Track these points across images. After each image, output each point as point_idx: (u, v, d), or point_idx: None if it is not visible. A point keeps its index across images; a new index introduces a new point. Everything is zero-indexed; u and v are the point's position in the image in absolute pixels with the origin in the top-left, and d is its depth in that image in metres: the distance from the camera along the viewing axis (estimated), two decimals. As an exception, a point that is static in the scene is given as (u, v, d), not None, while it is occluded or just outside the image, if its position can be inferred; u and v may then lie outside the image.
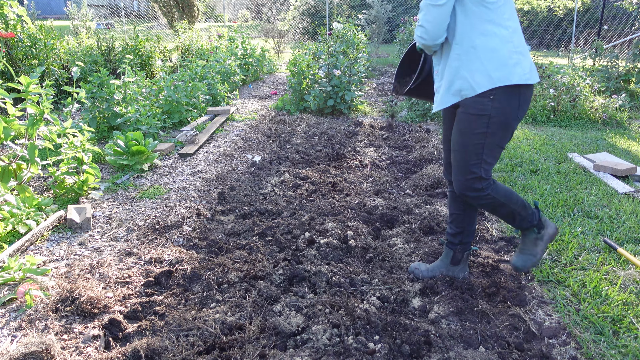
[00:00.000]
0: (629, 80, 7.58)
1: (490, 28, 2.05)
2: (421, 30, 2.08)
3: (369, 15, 14.12)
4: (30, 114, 3.13)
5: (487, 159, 2.17)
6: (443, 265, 2.52)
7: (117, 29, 15.66)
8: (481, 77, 2.06)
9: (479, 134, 2.13)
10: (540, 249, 2.40)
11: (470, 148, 2.16)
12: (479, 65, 2.06)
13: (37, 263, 2.56)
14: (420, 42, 2.13)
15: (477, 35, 2.06)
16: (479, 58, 2.06)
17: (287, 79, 6.92)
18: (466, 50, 2.07)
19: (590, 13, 15.54)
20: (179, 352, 1.91)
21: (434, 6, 2.02)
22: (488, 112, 2.09)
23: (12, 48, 5.93)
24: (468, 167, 2.18)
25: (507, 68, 2.05)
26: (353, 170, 4.30)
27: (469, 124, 2.14)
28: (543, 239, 2.41)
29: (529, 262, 2.39)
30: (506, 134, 2.17)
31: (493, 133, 2.12)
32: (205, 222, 3.17)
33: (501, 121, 2.11)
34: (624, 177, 4.05)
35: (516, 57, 2.07)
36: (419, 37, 2.11)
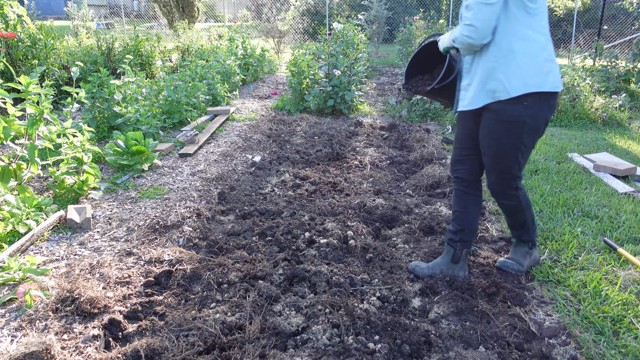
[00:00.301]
0: (629, 80, 7.58)
1: (530, 33, 2.10)
2: (470, 30, 2.08)
3: (368, 16, 14.12)
4: (30, 114, 3.13)
5: (521, 161, 2.29)
6: (443, 263, 2.54)
7: (117, 29, 15.66)
8: (517, 81, 2.10)
9: (515, 140, 2.20)
10: (527, 263, 2.58)
11: (507, 154, 2.25)
12: (516, 69, 2.10)
13: (37, 263, 2.56)
14: (467, 42, 2.12)
15: (516, 39, 2.10)
16: (516, 62, 2.10)
17: (287, 79, 6.92)
18: (504, 53, 2.11)
19: (590, 13, 15.54)
20: (179, 352, 1.91)
21: (485, 5, 2.02)
22: (523, 118, 2.15)
23: (12, 48, 5.93)
24: (505, 170, 2.30)
25: (541, 75, 2.11)
26: (353, 170, 4.30)
27: (504, 132, 2.20)
28: (531, 256, 2.60)
29: (514, 267, 2.57)
30: (537, 137, 2.27)
31: (527, 138, 2.21)
32: (205, 222, 3.17)
33: (534, 126, 2.19)
34: (624, 177, 4.05)
35: (549, 65, 2.14)
36: (467, 36, 2.09)
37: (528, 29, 2.10)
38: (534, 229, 2.55)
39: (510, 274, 2.58)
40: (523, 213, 2.44)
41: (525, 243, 2.58)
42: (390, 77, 10.27)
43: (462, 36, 2.12)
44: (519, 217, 2.46)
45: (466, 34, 2.09)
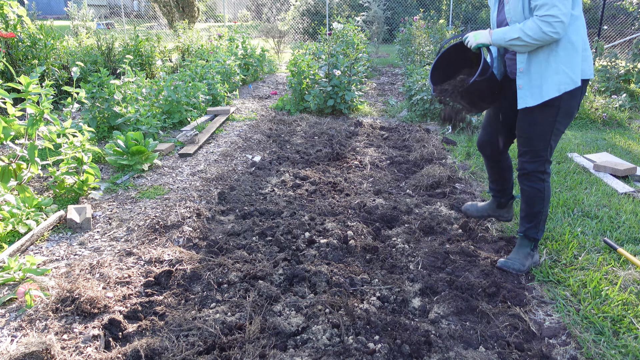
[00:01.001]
0: (629, 80, 7.58)
1: (579, 26, 2.24)
2: (560, 25, 2.14)
3: (368, 16, 14.12)
4: (30, 114, 3.13)
5: (553, 144, 2.46)
6: (490, 208, 3.08)
7: (117, 29, 15.66)
8: (576, 72, 2.26)
9: (548, 123, 2.37)
10: (528, 265, 2.62)
11: (540, 136, 2.42)
12: (576, 60, 2.26)
13: (37, 263, 2.56)
14: (552, 37, 2.17)
15: (572, 33, 2.22)
16: (575, 54, 2.24)
17: (287, 79, 6.92)
18: (566, 46, 2.24)
19: (590, 13, 15.55)
20: (179, 352, 1.91)
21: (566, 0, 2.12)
22: (557, 103, 2.32)
23: (12, 48, 5.93)
24: (537, 151, 2.46)
25: (586, 65, 2.31)
26: (353, 170, 4.30)
27: (540, 115, 2.38)
28: (532, 258, 2.65)
29: (515, 267, 2.61)
30: (569, 121, 2.43)
31: (559, 122, 2.38)
32: (205, 222, 3.17)
33: (567, 111, 2.37)
34: (624, 177, 4.05)
35: (587, 54, 2.32)
36: (554, 32, 2.15)
37: (578, 21, 2.24)
38: (542, 229, 2.63)
39: (511, 274, 2.58)
40: (542, 203, 2.55)
41: (529, 242, 2.64)
42: (390, 77, 10.27)
43: (543, 33, 2.17)
44: (536, 206, 2.56)
45: (553, 30, 2.15)
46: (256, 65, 9.41)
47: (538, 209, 2.57)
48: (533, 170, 2.51)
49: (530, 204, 2.58)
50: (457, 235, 3.04)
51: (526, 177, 2.54)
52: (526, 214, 2.62)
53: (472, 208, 3.20)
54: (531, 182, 2.54)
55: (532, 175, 2.52)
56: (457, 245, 2.89)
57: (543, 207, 2.56)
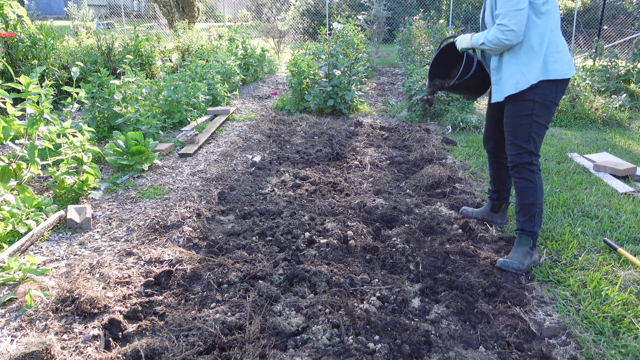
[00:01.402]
0: (629, 80, 7.58)
1: (543, 32, 2.48)
2: (510, 34, 2.44)
3: (368, 16, 14.12)
4: (30, 114, 3.13)
5: (535, 137, 2.59)
6: (485, 211, 3.17)
7: (117, 29, 15.66)
8: (535, 72, 2.48)
9: (527, 116, 2.56)
10: (527, 264, 2.64)
11: (521, 128, 2.60)
12: (535, 62, 2.49)
13: (37, 263, 2.56)
14: (505, 44, 2.48)
15: (534, 38, 2.48)
16: (535, 56, 2.49)
17: (287, 79, 6.92)
18: (526, 49, 2.50)
19: (590, 13, 15.55)
20: (179, 352, 1.91)
21: (519, 10, 2.40)
22: (533, 97, 2.52)
23: (12, 48, 5.93)
24: (520, 144, 2.61)
25: (552, 65, 2.49)
26: (353, 170, 4.30)
27: (518, 109, 2.59)
28: (532, 257, 2.68)
29: (515, 266, 2.63)
30: (548, 115, 2.59)
31: (537, 115, 2.55)
32: (205, 222, 3.17)
33: (543, 105, 2.54)
34: (624, 177, 4.05)
35: (557, 56, 2.51)
36: (507, 39, 2.46)
37: (541, 27, 2.47)
38: (539, 223, 2.66)
39: (511, 274, 2.58)
40: (534, 195, 2.63)
41: (527, 240, 2.66)
42: (390, 77, 10.27)
43: (498, 39, 2.48)
44: (529, 198, 2.64)
45: (504, 37, 2.45)
46: (256, 65, 9.41)
47: (531, 201, 2.64)
48: (520, 163, 2.63)
49: (523, 196, 2.66)
50: (457, 235, 3.04)
51: (515, 170, 2.67)
52: (520, 207, 2.69)
53: (468, 211, 3.27)
54: (521, 174, 2.65)
55: (520, 168, 2.64)
56: (457, 245, 2.89)
57: (536, 200, 2.63)
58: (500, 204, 3.11)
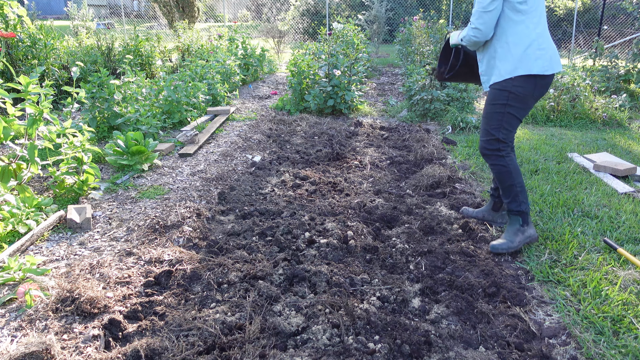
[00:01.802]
0: (629, 80, 7.58)
1: (521, 29, 2.62)
2: (476, 31, 2.66)
3: (368, 16, 14.12)
4: (29, 114, 3.13)
5: (505, 126, 2.72)
6: (486, 210, 3.18)
7: (117, 29, 15.66)
8: (509, 67, 2.63)
9: (501, 105, 2.70)
10: (519, 240, 2.76)
11: (493, 115, 2.74)
12: (509, 57, 2.63)
13: (37, 263, 2.56)
14: (473, 40, 2.71)
15: (510, 35, 2.64)
16: (510, 52, 2.63)
17: (287, 79, 6.92)
18: (501, 45, 2.66)
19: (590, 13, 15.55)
20: (179, 352, 1.91)
21: (485, 12, 2.61)
22: (509, 88, 2.66)
23: (12, 48, 5.93)
24: (490, 131, 2.75)
25: (530, 61, 2.60)
26: (353, 170, 4.30)
27: (493, 97, 2.74)
28: (524, 233, 2.78)
29: (504, 246, 2.75)
30: (523, 109, 2.71)
31: (511, 106, 2.68)
32: (205, 222, 3.17)
33: (518, 97, 2.67)
34: (624, 177, 4.05)
35: (538, 53, 2.61)
36: (473, 36, 2.68)
37: (520, 26, 2.61)
38: (524, 200, 2.78)
39: (510, 274, 2.58)
40: (510, 177, 2.76)
41: (516, 218, 2.79)
42: (390, 77, 10.27)
43: (469, 36, 2.72)
44: (506, 180, 2.77)
45: (472, 34, 2.69)
46: (256, 65, 9.41)
47: (509, 183, 2.77)
48: (488, 149, 2.78)
49: (500, 180, 2.80)
50: (457, 235, 3.04)
51: (486, 157, 2.82)
52: (502, 190, 2.84)
53: (469, 211, 3.29)
54: (492, 160, 2.79)
55: (489, 155, 2.79)
56: (457, 245, 2.89)
57: (513, 181, 2.76)
58: (502, 202, 3.10)
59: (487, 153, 2.80)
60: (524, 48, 2.60)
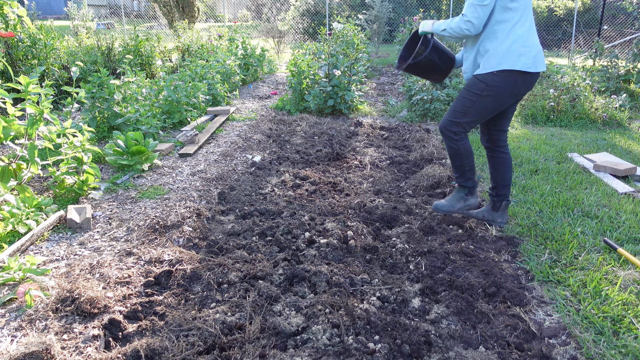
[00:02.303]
0: (629, 80, 7.58)
1: (508, 27, 2.69)
2: (469, 24, 2.69)
3: (369, 16, 14.12)
4: (29, 114, 3.13)
5: (472, 113, 2.83)
6: (486, 210, 3.20)
7: (117, 29, 15.66)
8: (494, 61, 2.71)
9: (475, 94, 2.79)
10: (459, 206, 3.09)
11: (464, 99, 2.83)
12: (494, 52, 2.71)
13: (37, 263, 2.56)
14: (465, 33, 2.73)
15: (499, 33, 2.70)
16: (495, 48, 2.71)
17: (287, 79, 6.92)
18: (490, 41, 2.73)
19: (590, 13, 15.54)
20: (179, 352, 1.91)
21: (480, 6, 2.65)
22: (486, 80, 2.75)
23: (12, 48, 5.93)
24: (453, 112, 2.87)
25: (513, 57, 2.68)
26: (353, 170, 4.30)
27: (471, 84, 2.82)
28: (466, 201, 3.09)
29: (445, 208, 3.10)
30: (496, 103, 2.80)
31: (485, 96, 2.77)
32: (205, 222, 3.17)
33: (495, 91, 2.74)
34: (624, 177, 4.05)
35: (522, 50, 2.68)
36: (466, 29, 2.71)
37: (508, 23, 2.69)
38: (471, 178, 3.03)
39: (510, 274, 2.58)
40: (460, 158, 2.95)
41: (462, 189, 3.07)
42: (390, 77, 10.27)
43: (460, 28, 2.73)
44: (456, 160, 2.97)
45: (465, 27, 2.70)
46: (256, 65, 9.41)
47: (459, 163, 2.97)
48: (448, 129, 2.88)
49: (452, 158, 2.99)
50: (457, 235, 3.04)
51: (443, 135, 2.93)
52: (452, 166, 3.05)
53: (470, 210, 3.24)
54: (447, 141, 2.93)
55: (447, 134, 2.90)
56: (457, 245, 2.89)
57: (463, 162, 2.96)
58: (501, 202, 3.10)
59: (445, 132, 2.91)
60: (509, 44, 2.67)
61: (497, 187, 3.08)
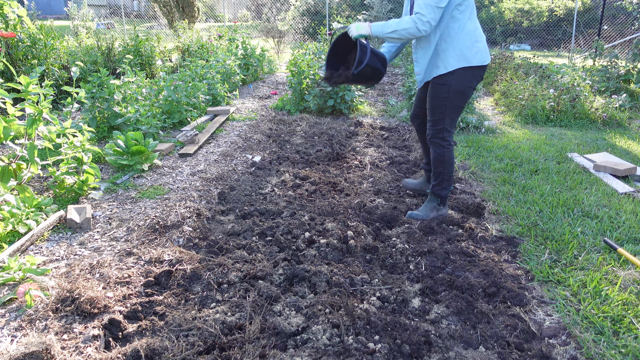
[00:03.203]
0: (629, 80, 7.58)
1: (459, 26, 2.85)
2: (427, 25, 2.75)
3: (369, 16, 14.12)
4: (29, 114, 3.13)
5: (450, 114, 3.01)
6: (422, 182, 3.61)
7: (117, 29, 15.66)
8: (452, 60, 2.88)
9: (443, 98, 2.97)
10: (432, 216, 3.21)
11: (438, 108, 3.01)
12: (452, 51, 2.87)
13: (37, 263, 2.56)
14: (418, 34, 2.78)
15: (451, 31, 2.86)
16: (452, 46, 2.87)
17: (287, 79, 6.92)
18: (443, 41, 2.88)
19: (590, 13, 15.55)
20: (179, 352, 1.91)
21: (438, 7, 2.73)
22: (449, 82, 2.92)
23: (12, 48, 5.93)
24: (436, 121, 3.04)
25: (468, 54, 2.87)
26: (353, 170, 4.30)
27: (436, 91, 2.99)
28: (438, 211, 3.23)
29: (420, 217, 3.20)
30: (463, 98, 2.98)
31: (453, 97, 2.95)
32: (205, 222, 3.17)
33: (458, 89, 2.94)
34: (624, 177, 4.05)
35: (476, 46, 2.89)
36: (424, 30, 2.76)
37: (459, 22, 2.85)
38: (447, 187, 3.17)
39: (510, 274, 2.58)
40: (443, 166, 3.11)
41: (435, 198, 3.21)
42: (390, 77, 10.27)
43: (416, 29, 2.75)
44: (438, 167, 3.13)
45: (424, 28, 2.74)
46: (256, 65, 9.41)
47: (440, 170, 3.12)
48: (433, 136, 3.07)
49: (435, 165, 3.14)
50: (457, 235, 3.04)
51: (430, 142, 3.11)
52: (433, 173, 3.18)
53: (409, 183, 3.68)
54: (434, 147, 3.10)
55: (433, 141, 3.08)
56: (457, 245, 2.89)
57: (444, 169, 3.11)
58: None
59: (434, 141, 3.09)
60: (464, 42, 2.85)
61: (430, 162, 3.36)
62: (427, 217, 3.19)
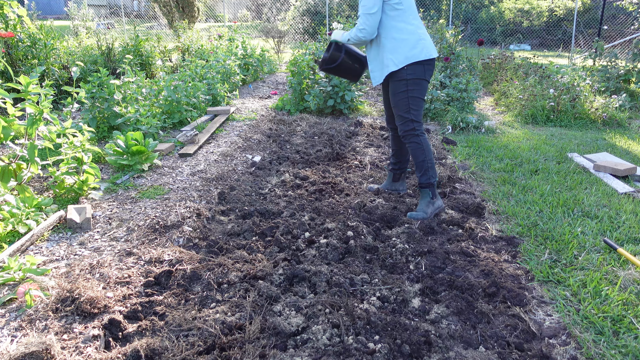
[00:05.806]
0: (629, 80, 7.58)
1: (402, 25, 3.08)
2: (363, 32, 3.07)
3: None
4: (29, 114, 3.13)
5: (413, 107, 3.17)
6: (388, 183, 3.72)
7: (117, 29, 15.66)
8: (400, 57, 3.08)
9: (403, 92, 3.15)
10: (430, 211, 3.24)
11: (400, 102, 3.17)
12: (398, 50, 3.08)
13: (37, 263, 2.56)
14: (362, 40, 3.12)
15: (395, 31, 3.08)
16: (397, 45, 3.08)
17: (287, 79, 6.92)
18: (389, 41, 3.09)
19: (590, 13, 15.55)
20: (179, 352, 1.91)
21: (369, 14, 3.02)
22: (405, 77, 3.11)
23: (12, 48, 5.93)
24: (402, 115, 3.19)
25: (415, 50, 3.08)
26: (353, 170, 4.30)
27: (395, 87, 3.17)
28: (434, 205, 3.27)
29: (420, 216, 3.22)
30: (421, 89, 3.15)
31: (411, 89, 3.13)
32: (205, 222, 3.17)
33: (414, 81, 3.12)
34: (624, 177, 4.05)
35: (421, 43, 3.10)
36: (362, 36, 3.09)
37: (401, 22, 3.07)
38: (433, 175, 3.24)
39: (510, 274, 2.58)
40: (423, 153, 3.21)
41: (426, 191, 3.26)
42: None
43: (357, 36, 3.12)
44: (419, 157, 3.22)
45: (361, 35, 3.09)
46: (256, 65, 9.41)
47: (421, 159, 3.22)
48: (405, 130, 3.21)
49: (415, 156, 3.24)
50: (457, 235, 3.04)
51: (404, 137, 3.24)
52: (415, 165, 3.27)
53: (373, 188, 3.73)
54: (409, 140, 3.22)
55: (407, 135, 3.21)
56: (457, 245, 2.89)
57: (425, 157, 3.21)
58: (401, 173, 3.64)
59: (406, 135, 3.21)
60: (409, 40, 3.06)
61: (400, 161, 3.57)
62: (427, 214, 3.21)
